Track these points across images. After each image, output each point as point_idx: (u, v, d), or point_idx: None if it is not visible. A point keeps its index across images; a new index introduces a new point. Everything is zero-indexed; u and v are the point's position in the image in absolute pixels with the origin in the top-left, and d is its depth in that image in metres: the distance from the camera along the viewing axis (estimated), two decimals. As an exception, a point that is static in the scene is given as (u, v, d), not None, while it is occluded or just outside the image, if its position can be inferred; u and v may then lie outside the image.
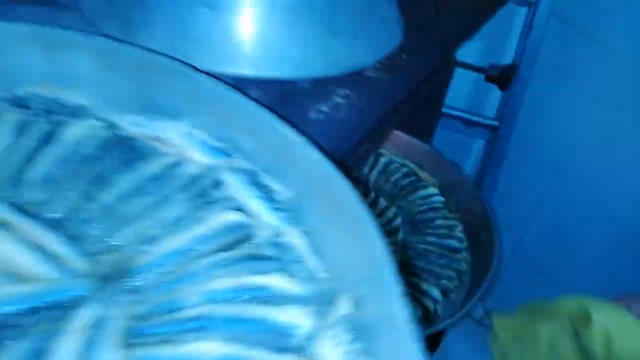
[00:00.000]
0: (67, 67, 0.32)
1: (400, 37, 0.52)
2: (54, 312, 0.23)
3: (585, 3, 0.89)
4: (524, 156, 1.03)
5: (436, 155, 0.73)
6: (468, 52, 0.92)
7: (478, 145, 1.16)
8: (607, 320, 0.38)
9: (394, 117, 0.49)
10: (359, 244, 0.24)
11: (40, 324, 0.22)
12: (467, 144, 1.17)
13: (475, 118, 1.01)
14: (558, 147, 0.97)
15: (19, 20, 0.39)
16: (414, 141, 0.75)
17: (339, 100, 0.43)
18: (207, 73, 0.32)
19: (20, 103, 0.32)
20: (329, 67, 0.45)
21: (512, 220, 1.07)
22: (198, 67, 0.32)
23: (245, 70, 0.42)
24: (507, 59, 0.99)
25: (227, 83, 0.31)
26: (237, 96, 0.30)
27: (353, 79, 0.46)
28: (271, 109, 0.30)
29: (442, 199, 0.71)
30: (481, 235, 0.68)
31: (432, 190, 0.71)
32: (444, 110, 0.93)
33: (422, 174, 0.72)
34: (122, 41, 0.32)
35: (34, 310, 0.23)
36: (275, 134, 0.29)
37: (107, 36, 0.32)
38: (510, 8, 0.91)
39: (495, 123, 1.01)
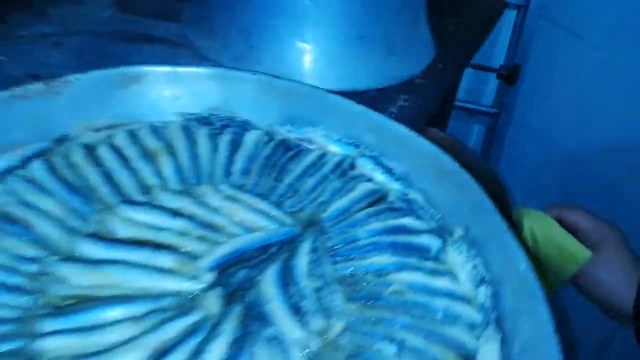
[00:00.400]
0: (235, 94, 0.46)
1: (434, 51, 0.67)
2: (284, 246, 0.37)
3: (569, 3, 1.06)
4: (522, 138, 1.20)
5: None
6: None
7: (478, 130, 1.33)
8: (532, 223, 0.52)
9: (438, 111, 0.64)
10: (462, 194, 0.39)
11: (278, 253, 0.37)
12: (469, 130, 1.34)
13: (476, 107, 1.18)
14: (550, 129, 1.14)
15: (152, 58, 0.54)
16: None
17: (402, 103, 0.58)
18: (329, 91, 0.46)
19: (204, 121, 0.46)
20: (389, 79, 0.60)
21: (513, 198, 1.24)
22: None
23: (330, 85, 0.57)
24: (500, 57, 1.16)
25: (345, 97, 0.46)
26: (356, 105, 0.45)
27: (407, 86, 0.61)
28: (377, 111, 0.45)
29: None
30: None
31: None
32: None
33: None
34: (271, 75, 0.46)
35: (266, 247, 0.37)
36: (386, 129, 0.44)
37: (259, 72, 0.47)
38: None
39: (495, 110, 1.17)
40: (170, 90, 0.46)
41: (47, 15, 0.66)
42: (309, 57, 0.57)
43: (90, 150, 0.41)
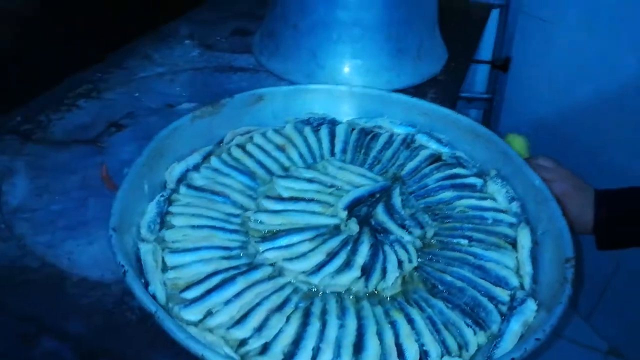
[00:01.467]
0: (324, 101, 0.67)
1: (447, 53, 0.89)
2: (383, 193, 0.57)
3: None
4: (513, 116, 1.42)
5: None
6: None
7: (475, 114, 1.54)
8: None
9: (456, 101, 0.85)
10: (491, 148, 0.60)
11: (381, 197, 0.57)
12: (467, 115, 1.55)
13: (473, 95, 1.39)
14: (536, 106, 1.36)
15: (241, 82, 0.74)
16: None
17: (432, 95, 0.79)
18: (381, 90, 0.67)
19: (306, 122, 0.66)
20: (421, 78, 0.81)
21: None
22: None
23: (381, 87, 0.77)
24: (488, 50, 1.37)
25: (401, 94, 0.67)
26: (409, 98, 0.66)
27: (433, 82, 0.82)
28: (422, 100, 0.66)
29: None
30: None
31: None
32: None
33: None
34: (346, 85, 0.67)
35: (373, 194, 0.57)
36: (432, 112, 0.65)
37: (336, 84, 0.67)
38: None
39: (488, 96, 1.39)
40: (281, 104, 0.66)
41: (154, 60, 0.86)
42: (362, 69, 0.78)
43: (242, 148, 0.62)
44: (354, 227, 0.53)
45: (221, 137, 0.63)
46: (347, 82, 0.76)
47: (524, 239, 0.51)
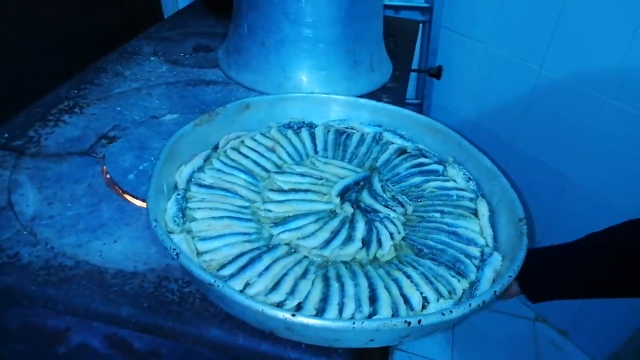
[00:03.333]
0: (301, 108, 0.76)
1: (392, 64, 1.02)
2: (365, 181, 0.68)
3: (459, 14, 1.46)
4: (441, 120, 1.60)
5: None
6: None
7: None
8: None
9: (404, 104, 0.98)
10: (447, 141, 0.72)
11: (364, 185, 0.67)
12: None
13: (405, 100, 1.55)
14: (459, 109, 1.54)
15: (216, 94, 0.83)
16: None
17: (385, 100, 0.91)
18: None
19: (288, 126, 0.75)
20: (374, 86, 0.93)
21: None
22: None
23: (343, 94, 0.89)
24: (415, 61, 1.54)
25: (375, 101, 0.78)
26: (375, 102, 0.77)
27: (385, 89, 0.94)
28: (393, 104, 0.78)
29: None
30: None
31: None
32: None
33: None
34: (317, 93, 0.77)
35: (357, 182, 0.68)
36: (395, 113, 0.77)
37: (309, 93, 0.77)
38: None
39: (418, 101, 1.56)
40: (265, 111, 0.75)
41: (126, 76, 0.91)
42: (325, 79, 0.88)
43: (237, 150, 0.69)
44: (348, 209, 0.63)
45: (216, 142, 0.70)
46: (313, 90, 0.87)
47: (483, 208, 0.64)
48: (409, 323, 0.43)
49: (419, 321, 0.44)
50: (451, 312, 0.45)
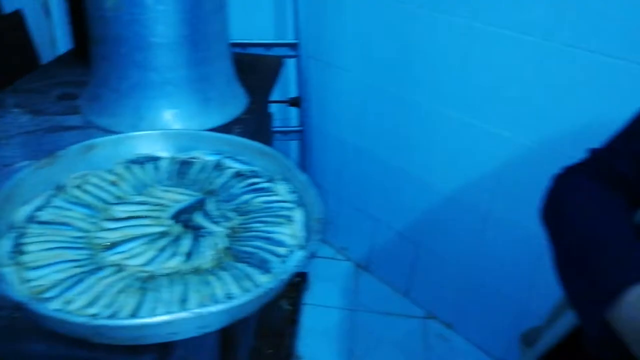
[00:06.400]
0: (148, 143, 0.85)
1: (248, 97, 1.13)
2: (199, 204, 0.77)
3: (325, 46, 1.62)
4: (322, 143, 1.73)
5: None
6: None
7: (295, 144, 1.83)
8: None
9: (260, 132, 1.09)
10: (275, 162, 0.83)
11: (197, 207, 0.76)
12: (288, 146, 1.84)
13: (288, 128, 1.68)
14: (339, 132, 1.69)
15: (73, 138, 0.90)
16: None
17: (238, 130, 1.02)
18: (197, 130, 0.88)
19: (134, 161, 0.83)
20: (226, 118, 1.04)
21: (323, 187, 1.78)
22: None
23: (196, 127, 0.98)
24: (292, 91, 1.68)
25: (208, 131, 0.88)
26: (216, 134, 0.87)
27: (238, 121, 1.05)
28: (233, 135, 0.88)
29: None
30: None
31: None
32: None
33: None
34: (166, 129, 0.86)
35: (192, 205, 0.77)
36: (232, 142, 0.87)
37: (157, 129, 0.86)
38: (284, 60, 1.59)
39: (300, 128, 1.69)
40: (111, 150, 0.83)
41: (-15, 128, 0.96)
42: (178, 116, 0.98)
43: (79, 187, 0.77)
44: (177, 229, 0.71)
45: (61, 182, 0.77)
46: (167, 127, 0.96)
47: (298, 215, 0.75)
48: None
49: (204, 311, 0.53)
50: (231, 298, 0.55)
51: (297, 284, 1.80)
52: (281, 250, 0.69)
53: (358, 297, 1.77)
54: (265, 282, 0.63)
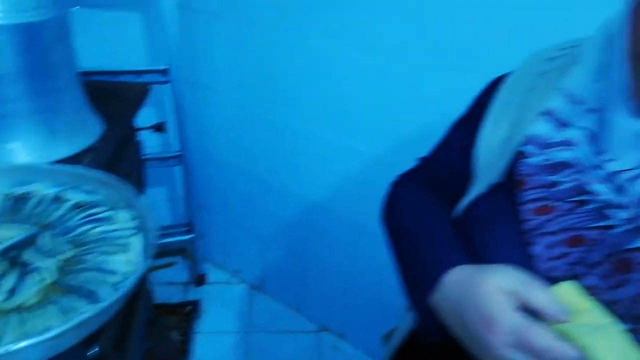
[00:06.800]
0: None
1: (103, 125, 1.12)
2: (32, 238, 0.75)
3: (198, 69, 1.63)
4: (205, 167, 1.74)
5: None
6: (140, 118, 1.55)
7: (179, 169, 1.82)
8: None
9: (119, 162, 1.08)
10: (115, 190, 0.83)
11: (30, 241, 0.74)
12: (173, 172, 1.82)
13: (167, 154, 1.67)
14: (218, 157, 1.70)
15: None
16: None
17: (89, 159, 1.00)
18: (40, 163, 0.86)
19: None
20: (76, 149, 1.02)
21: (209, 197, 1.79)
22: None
23: (44, 160, 0.95)
24: (164, 116, 1.68)
25: (51, 164, 0.86)
26: (56, 166, 0.85)
27: (92, 149, 1.03)
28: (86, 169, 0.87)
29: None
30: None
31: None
32: (149, 156, 1.55)
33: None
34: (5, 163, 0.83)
35: (24, 240, 0.75)
36: (73, 173, 0.86)
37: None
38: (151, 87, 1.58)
39: (180, 152, 1.68)
40: None
41: None
42: (23, 149, 0.94)
43: None
44: (3, 266, 0.69)
45: None
46: (10, 160, 0.92)
47: (136, 242, 0.76)
48: None
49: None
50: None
51: (187, 313, 1.76)
52: (113, 278, 0.69)
53: (252, 319, 1.78)
54: (86, 311, 0.63)
